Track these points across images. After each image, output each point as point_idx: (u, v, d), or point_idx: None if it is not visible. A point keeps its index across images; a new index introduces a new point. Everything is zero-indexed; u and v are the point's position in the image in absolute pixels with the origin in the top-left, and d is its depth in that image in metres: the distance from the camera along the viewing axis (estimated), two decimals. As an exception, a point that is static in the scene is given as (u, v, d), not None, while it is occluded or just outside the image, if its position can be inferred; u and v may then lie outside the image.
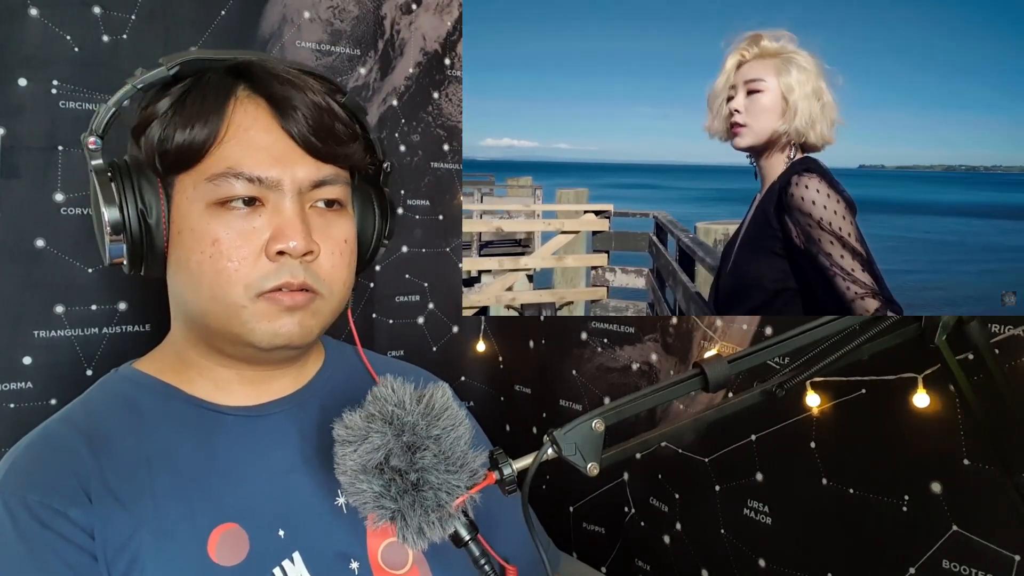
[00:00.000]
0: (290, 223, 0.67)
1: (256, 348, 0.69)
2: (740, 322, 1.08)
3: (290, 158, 0.68)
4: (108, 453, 0.68)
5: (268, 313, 0.68)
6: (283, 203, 0.68)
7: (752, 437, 1.04)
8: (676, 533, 1.15)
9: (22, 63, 0.99)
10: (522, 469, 0.57)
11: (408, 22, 1.37)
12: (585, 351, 1.32)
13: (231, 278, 0.66)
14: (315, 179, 0.69)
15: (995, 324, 0.80)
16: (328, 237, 0.70)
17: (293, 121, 0.68)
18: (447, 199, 1.44)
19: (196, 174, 0.67)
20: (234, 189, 0.66)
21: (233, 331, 0.69)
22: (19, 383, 1.01)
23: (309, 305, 0.69)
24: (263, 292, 0.67)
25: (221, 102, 0.67)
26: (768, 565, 1.02)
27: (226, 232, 0.66)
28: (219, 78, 0.69)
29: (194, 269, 0.67)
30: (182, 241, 0.68)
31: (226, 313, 0.68)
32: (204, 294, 0.68)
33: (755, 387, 0.65)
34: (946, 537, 0.84)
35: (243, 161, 0.66)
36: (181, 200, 0.68)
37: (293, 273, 0.67)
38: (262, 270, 0.67)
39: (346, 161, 0.72)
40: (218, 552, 0.67)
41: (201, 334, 0.72)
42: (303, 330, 0.70)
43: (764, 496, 1.03)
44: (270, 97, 0.69)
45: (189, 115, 0.67)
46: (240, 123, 0.68)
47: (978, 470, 0.82)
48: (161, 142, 0.67)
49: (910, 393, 0.84)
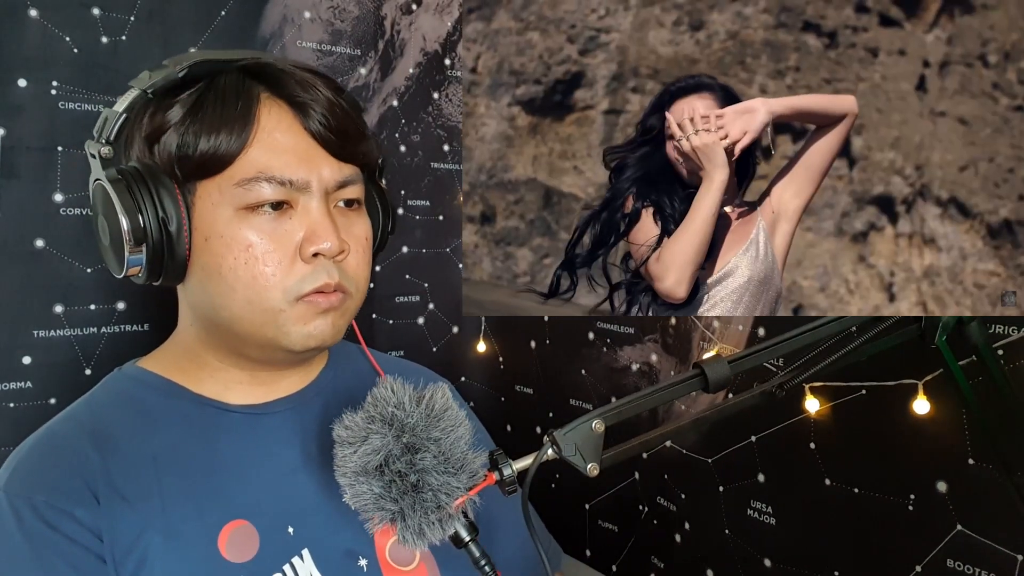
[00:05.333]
0: (322, 224, 0.67)
1: (288, 351, 0.69)
2: (736, 323, 1.08)
3: (316, 159, 0.68)
4: (114, 452, 0.67)
5: (305, 316, 0.68)
6: (311, 204, 0.67)
7: (752, 438, 1.04)
8: (686, 533, 1.15)
9: (22, 64, 0.99)
10: (522, 470, 0.57)
11: (408, 22, 1.37)
12: (592, 351, 1.32)
13: (268, 282, 0.66)
14: (339, 179, 0.69)
15: (996, 325, 0.81)
16: (351, 236, 0.70)
17: (314, 121, 0.68)
18: (447, 199, 1.44)
19: (222, 180, 0.66)
20: (264, 193, 0.66)
21: (267, 335, 0.68)
22: (18, 382, 1.01)
23: (342, 305, 0.70)
24: (302, 295, 0.67)
25: (246, 107, 0.66)
26: (774, 565, 1.02)
27: (258, 237, 0.66)
28: (236, 81, 0.68)
29: (227, 275, 0.66)
30: (210, 248, 0.67)
31: (262, 318, 0.67)
32: (238, 300, 0.67)
33: (755, 388, 0.65)
34: (950, 536, 0.85)
35: (272, 164, 0.66)
36: (205, 207, 0.67)
37: (330, 274, 0.67)
38: (299, 273, 0.67)
39: (363, 159, 0.72)
40: (229, 549, 0.67)
41: (223, 338, 0.71)
42: (335, 330, 0.70)
43: (767, 497, 1.03)
44: (291, 99, 0.68)
45: (212, 122, 0.65)
46: (265, 126, 0.67)
47: (982, 470, 0.82)
48: (180, 148, 0.66)
49: (910, 399, 0.85)
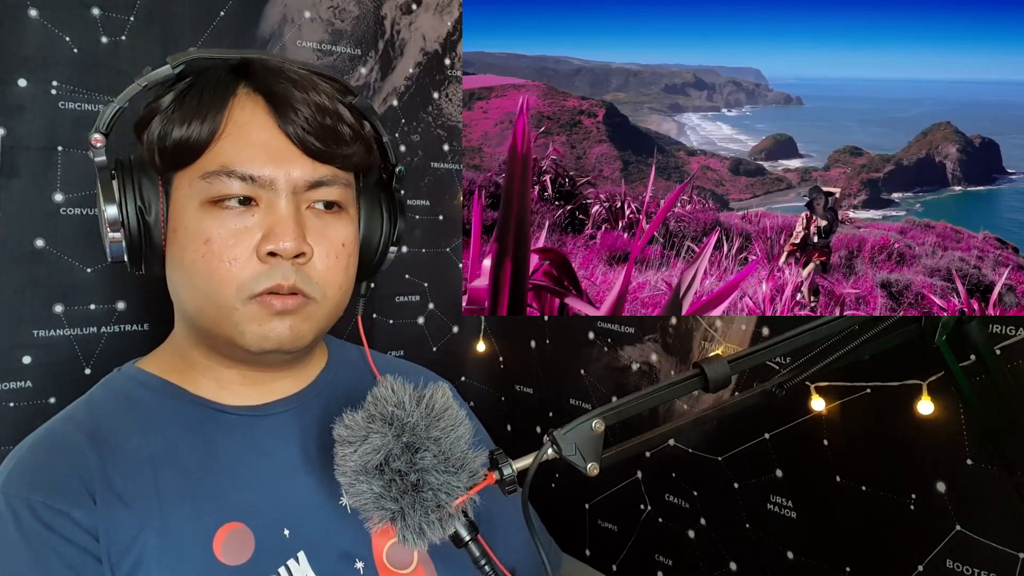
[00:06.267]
0: (282, 223, 0.66)
1: (246, 351, 0.69)
2: (739, 322, 1.08)
3: (286, 157, 0.67)
4: (112, 453, 0.67)
5: (259, 316, 0.67)
6: (277, 202, 0.66)
7: (766, 435, 1.04)
8: (701, 528, 1.15)
9: (22, 64, 0.99)
10: (522, 469, 0.57)
11: (408, 22, 1.37)
12: (592, 351, 1.32)
13: (223, 278, 0.65)
14: (311, 179, 0.68)
15: (996, 325, 0.81)
16: (324, 239, 0.69)
17: (291, 120, 0.67)
18: (447, 199, 1.44)
19: (192, 172, 0.67)
20: (227, 187, 0.65)
21: (225, 332, 0.68)
22: (18, 382, 1.01)
23: (301, 309, 0.68)
24: (255, 294, 0.66)
25: (220, 99, 0.67)
26: (796, 557, 1.03)
27: (218, 231, 0.65)
28: (219, 75, 0.68)
29: (188, 268, 0.67)
30: (177, 239, 0.67)
31: (218, 314, 0.67)
32: (198, 293, 0.67)
33: (755, 387, 0.65)
34: (950, 536, 0.85)
35: (237, 159, 0.66)
36: (178, 198, 0.67)
37: (285, 275, 0.66)
38: (253, 271, 0.66)
39: (346, 162, 0.70)
40: (224, 551, 0.66)
41: (200, 334, 0.72)
42: (294, 334, 0.68)
43: (786, 491, 1.04)
44: (269, 95, 0.68)
45: (187, 111, 0.66)
46: (237, 120, 0.67)
47: (981, 470, 0.82)
48: (160, 138, 0.67)
49: (915, 400, 0.85)
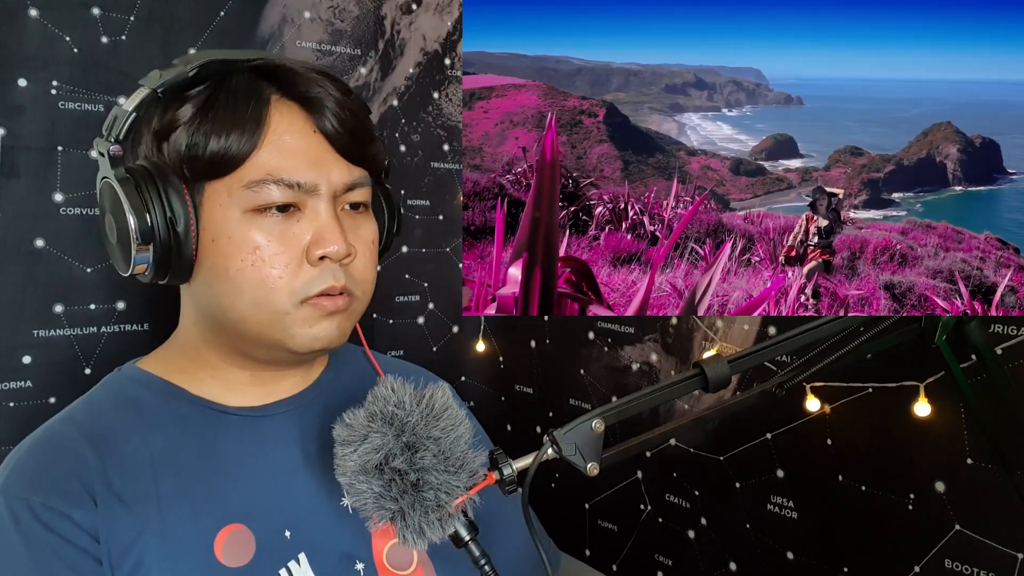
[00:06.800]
0: (329, 227, 0.67)
1: (294, 353, 0.69)
2: (741, 322, 1.08)
3: (326, 161, 0.68)
4: (112, 454, 0.67)
5: (310, 318, 0.68)
6: (320, 207, 0.67)
7: (768, 436, 1.04)
8: (702, 528, 1.15)
9: (22, 63, 0.99)
10: (522, 469, 0.57)
11: (408, 22, 1.37)
12: (592, 351, 1.32)
13: (275, 285, 0.66)
14: (348, 182, 0.69)
15: (996, 325, 0.80)
16: (359, 239, 0.70)
17: (326, 122, 0.68)
18: (447, 199, 1.44)
19: (231, 181, 0.66)
20: (272, 195, 0.66)
21: (273, 337, 0.68)
22: (18, 382, 1.01)
23: (347, 308, 0.69)
24: (308, 297, 0.67)
25: (258, 109, 0.66)
26: (796, 558, 1.03)
27: (266, 239, 0.66)
28: (248, 82, 0.68)
29: (234, 276, 0.66)
30: (218, 248, 0.67)
31: (269, 319, 0.67)
32: (245, 301, 0.67)
33: (755, 387, 0.65)
34: (950, 536, 0.85)
35: (282, 167, 0.66)
36: (214, 207, 0.67)
37: (336, 277, 0.67)
38: (305, 276, 0.67)
39: (372, 162, 0.72)
40: (225, 553, 0.66)
41: (229, 339, 0.71)
42: (340, 333, 0.70)
43: (787, 492, 1.04)
44: (303, 100, 0.68)
45: (223, 123, 0.65)
46: (276, 128, 0.67)
47: (981, 470, 0.82)
48: (190, 148, 0.65)
49: (916, 399, 0.85)
